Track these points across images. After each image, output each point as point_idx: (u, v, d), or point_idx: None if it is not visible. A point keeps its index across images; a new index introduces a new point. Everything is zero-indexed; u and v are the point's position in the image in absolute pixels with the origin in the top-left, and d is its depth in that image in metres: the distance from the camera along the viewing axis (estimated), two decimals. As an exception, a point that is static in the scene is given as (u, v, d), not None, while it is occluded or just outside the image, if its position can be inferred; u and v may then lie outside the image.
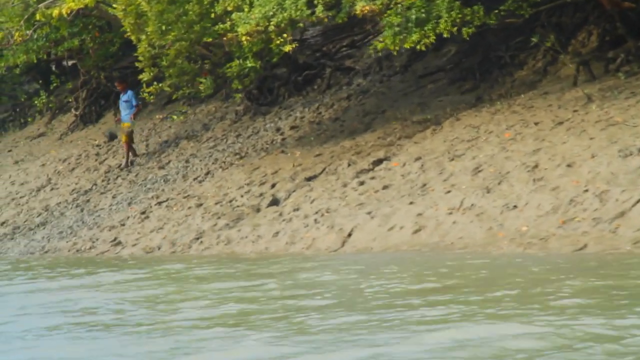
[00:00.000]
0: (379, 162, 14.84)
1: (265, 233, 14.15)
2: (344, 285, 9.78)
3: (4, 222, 20.15)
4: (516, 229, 11.21)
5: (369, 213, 13.08)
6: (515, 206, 11.57)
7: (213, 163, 18.30)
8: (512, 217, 11.43)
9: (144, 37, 16.46)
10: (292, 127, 18.49)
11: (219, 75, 17.07)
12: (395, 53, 15.22)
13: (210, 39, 15.78)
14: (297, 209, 14.45)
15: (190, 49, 16.75)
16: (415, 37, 14.48)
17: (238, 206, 15.64)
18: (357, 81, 19.48)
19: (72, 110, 25.83)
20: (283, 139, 18.04)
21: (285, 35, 14.86)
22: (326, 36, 20.50)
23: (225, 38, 15.41)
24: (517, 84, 15.84)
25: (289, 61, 19.71)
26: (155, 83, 17.51)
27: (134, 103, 20.87)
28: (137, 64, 17.58)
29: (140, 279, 11.91)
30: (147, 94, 17.87)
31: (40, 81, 27.38)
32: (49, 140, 25.95)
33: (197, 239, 15.06)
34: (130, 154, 20.74)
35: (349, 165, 15.21)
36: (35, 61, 25.53)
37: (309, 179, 15.50)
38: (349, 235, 12.92)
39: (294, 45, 15.13)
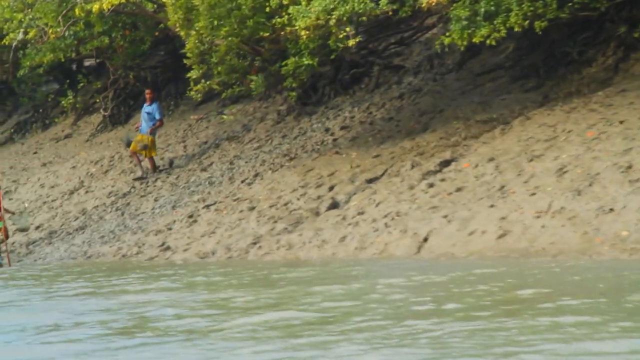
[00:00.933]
0: (446, 163, 14.28)
1: (330, 238, 13.59)
2: (449, 289, 9.22)
3: (38, 227, 19.60)
4: (615, 234, 10.65)
5: (445, 217, 12.52)
6: (611, 209, 11.01)
7: (261, 165, 17.73)
8: (609, 221, 10.86)
9: (193, 32, 15.88)
10: (342, 128, 17.94)
11: (271, 73, 16.48)
12: (462, 48, 14.66)
13: (267, 34, 15.21)
14: (362, 213, 13.89)
15: (240, 45, 16.17)
16: (484, 31, 13.96)
17: (295, 209, 15.08)
18: (408, 80, 18.92)
19: (101, 110, 25.25)
20: (334, 140, 17.48)
21: (347, 29, 14.30)
22: (370, 33, 19.94)
23: (282, 33, 14.84)
24: (587, 82, 15.28)
25: (335, 59, 19.14)
26: (202, 81, 16.91)
27: (157, 117, 20.07)
28: (185, 61, 17.00)
29: (233, 284, 11.34)
30: (194, 92, 17.27)
31: (68, 81, 26.75)
32: (76, 142, 25.38)
33: (255, 243, 14.50)
34: (142, 165, 19.96)
35: (412, 166, 14.65)
36: (63, 60, 25.03)
37: (370, 181, 14.94)
38: (425, 240, 12.36)
39: (358, 39, 14.57)
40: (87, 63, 30.42)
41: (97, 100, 26.00)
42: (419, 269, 10.91)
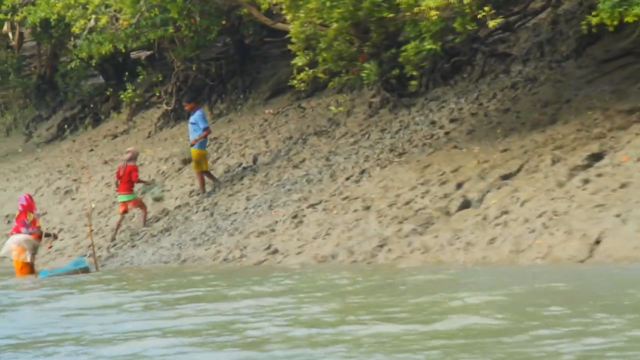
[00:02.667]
0: (595, 157, 13.15)
1: (476, 240, 12.47)
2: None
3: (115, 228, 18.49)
4: None
5: (617, 216, 11.39)
6: None
7: (365, 161, 16.61)
8: None
9: (301, 15, 14.76)
10: (452, 120, 16.81)
11: (383, 60, 15.35)
12: (611, 28, 13.51)
13: (390, 15, 14.07)
14: (507, 212, 12.76)
15: (351, 30, 15.06)
16: (638, 9, 12.83)
17: (421, 209, 13.96)
18: (516, 68, 17.80)
19: (163, 105, 24.13)
20: (447, 133, 16.36)
21: (486, 8, 13.18)
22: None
23: (408, 14, 13.72)
24: None
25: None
26: (306, 69, 15.80)
27: (201, 126, 18.42)
28: (289, 47, 15.88)
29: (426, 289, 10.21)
30: (297, 82, 16.15)
31: (127, 73, 25.63)
32: (135, 138, 24.30)
33: (381, 246, 13.38)
34: (204, 181, 18.59)
35: (553, 161, 13.52)
36: (123, 50, 23.95)
37: (505, 177, 13.81)
38: (597, 242, 11.22)
39: (499, 20, 13.45)
40: (134, 56, 29.35)
41: (158, 94, 24.89)
42: (616, 276, 9.81)
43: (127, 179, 17.99)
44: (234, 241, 15.61)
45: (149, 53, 28.94)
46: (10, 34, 27.41)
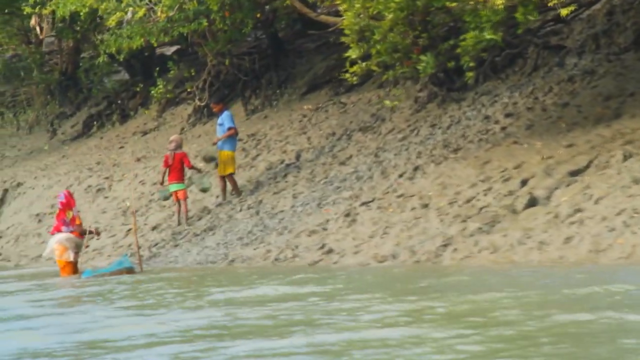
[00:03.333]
0: (671, 152, 12.68)
1: (549, 239, 11.99)
2: None
3: (155, 227, 18.05)
4: None
5: None
6: None
7: (417, 157, 16.14)
8: None
9: (357, 5, 14.28)
10: (507, 115, 16.33)
11: (440, 51, 14.85)
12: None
13: (453, 3, 13.58)
14: (580, 210, 12.29)
15: (407, 20, 14.57)
16: None
17: (484, 207, 13.48)
18: (571, 61, 17.30)
19: (196, 100, 23.65)
20: (503, 128, 15.88)
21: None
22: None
23: (471, 2, 13.23)
24: None
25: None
26: (359, 62, 15.30)
27: (227, 125, 17.81)
28: (343, 39, 15.39)
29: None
30: (349, 75, 15.66)
31: (158, 69, 25.17)
32: (166, 135, 23.73)
33: (445, 245, 12.91)
34: (226, 186, 17.94)
35: (625, 157, 13.05)
36: (155, 44, 23.46)
37: (574, 173, 13.34)
38: (685, 240, 10.75)
39: (572, 8, 12.96)
40: (160, 51, 28.88)
41: (189, 90, 24.42)
42: None
43: (179, 167, 17.51)
44: (284, 240, 15.15)
45: (175, 48, 28.51)
46: (37, 28, 26.92)
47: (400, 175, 15.72)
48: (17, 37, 30.04)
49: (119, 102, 27.17)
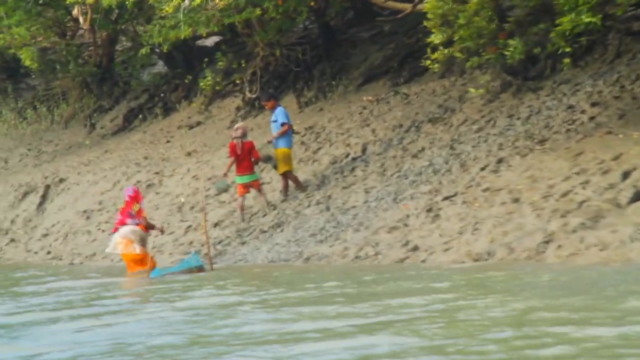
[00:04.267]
0: None
1: (667, 234, 11.33)
2: None
3: (217, 224, 17.43)
4: None
5: None
6: None
7: (499, 149, 15.50)
8: None
9: (443, -14, 13.66)
10: (593, 104, 15.67)
11: (529, 37, 14.19)
12: None
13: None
14: (695, 203, 11.63)
15: (493, 4, 13.93)
16: None
17: (584, 201, 12.83)
18: (657, 48, 16.63)
19: (246, 92, 23.01)
20: (591, 118, 15.22)
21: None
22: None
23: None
24: None
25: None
26: (441, 48, 14.66)
27: (280, 121, 17.24)
28: (425, 24, 14.75)
29: None
30: (430, 62, 15.02)
31: (207, 59, 24.55)
32: (215, 128, 23.23)
33: (547, 242, 12.26)
34: (288, 184, 17.31)
35: None
36: (204, 35, 22.90)
37: (680, 165, 12.69)
38: None
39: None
40: (200, 43, 28.28)
41: (238, 82, 23.80)
42: None
43: (248, 157, 16.88)
44: (361, 237, 14.53)
45: (217, 39, 27.90)
46: (80, 18, 26.30)
47: (483, 168, 15.09)
48: (51, 30, 29.46)
49: (162, 95, 26.53)
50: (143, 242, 15.45)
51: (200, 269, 14.58)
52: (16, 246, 20.92)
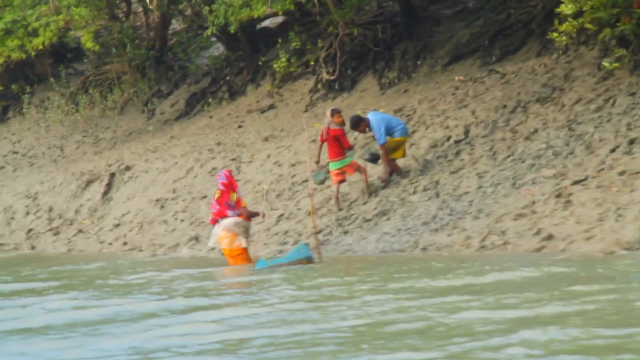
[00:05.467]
0: None
1: None
2: None
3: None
4: None
5: None
6: None
7: (628, 129, 14.63)
8: None
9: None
10: None
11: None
12: None
13: None
14: None
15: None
16: None
17: None
18: None
19: (324, 74, 22.13)
20: None
21: None
22: None
23: None
24: None
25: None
26: (570, 20, 13.74)
27: (379, 142, 16.16)
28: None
29: None
30: (557, 35, 14.10)
31: (280, 40, 23.74)
32: (290, 112, 22.37)
33: None
34: (397, 167, 16.50)
35: None
36: (280, 13, 22.03)
37: None
38: None
39: None
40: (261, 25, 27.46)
41: (312, 63, 22.94)
42: None
43: (336, 143, 16.01)
44: (483, 225, 13.69)
45: (281, 19, 27.07)
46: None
47: (613, 150, 14.21)
48: (103, 11, 28.67)
49: (228, 78, 25.68)
50: (247, 233, 14.67)
51: (309, 260, 13.78)
52: (87, 237, 20.18)
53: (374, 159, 16.60)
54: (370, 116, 16.39)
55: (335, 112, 16.31)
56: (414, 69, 21.46)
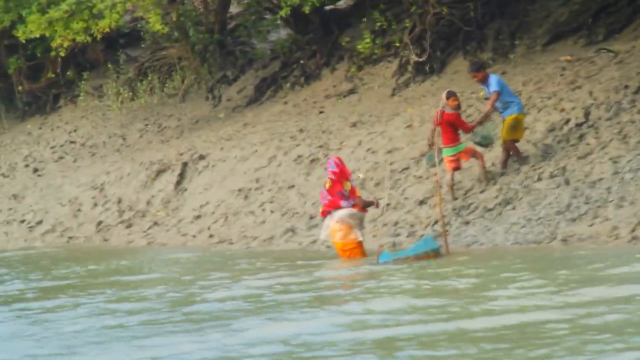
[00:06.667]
0: None
1: None
2: None
3: (422, 201, 15.70)
4: None
5: None
6: None
7: None
8: None
9: None
10: None
11: None
12: None
13: None
14: None
15: None
16: None
17: None
18: None
19: (412, 56, 21.15)
20: None
21: None
22: None
23: None
24: None
25: None
26: None
27: (492, 89, 15.46)
28: None
29: None
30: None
31: (364, 20, 22.75)
32: (376, 97, 21.45)
33: None
34: (517, 150, 15.52)
35: None
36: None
37: None
38: None
39: None
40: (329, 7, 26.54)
41: (397, 44, 21.98)
42: None
43: (450, 129, 15.04)
44: (630, 214, 12.86)
45: (353, 1, 26.16)
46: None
47: None
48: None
49: (301, 62, 24.74)
50: (362, 225, 13.81)
51: (436, 252, 12.89)
52: (166, 229, 19.34)
53: (486, 142, 15.65)
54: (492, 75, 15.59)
55: (451, 95, 15.34)
56: (510, 49, 20.47)
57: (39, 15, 23.27)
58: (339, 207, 13.69)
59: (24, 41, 26.66)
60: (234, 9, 29.66)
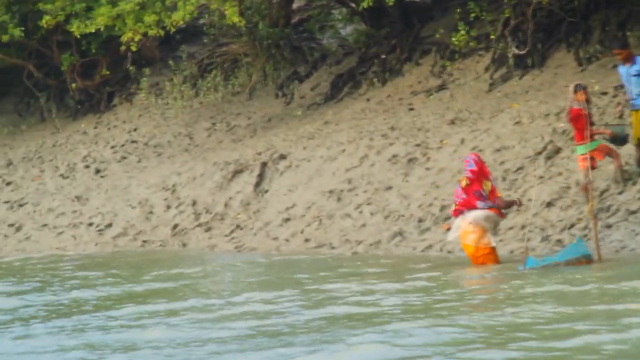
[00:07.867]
0: None
1: None
2: None
3: (549, 203, 14.77)
4: None
5: None
6: None
7: None
8: None
9: None
10: None
11: None
12: None
13: None
14: None
15: None
16: None
17: None
18: None
19: (512, 49, 20.12)
20: None
21: None
22: None
23: None
24: None
25: None
26: None
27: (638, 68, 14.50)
28: None
29: None
30: None
31: (459, 10, 21.76)
32: (470, 92, 20.47)
33: None
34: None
35: None
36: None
37: None
38: None
39: None
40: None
41: (493, 36, 20.97)
42: None
43: (579, 126, 14.03)
44: None
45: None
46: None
47: None
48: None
49: (383, 57, 23.73)
50: (496, 229, 12.86)
51: (588, 259, 11.90)
52: (252, 233, 18.45)
53: (620, 139, 14.60)
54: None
55: (579, 89, 14.30)
56: (618, 41, 19.42)
57: (110, 7, 22.40)
58: (474, 208, 12.76)
59: (78, 36, 25.91)
60: (298, 2, 28.87)
